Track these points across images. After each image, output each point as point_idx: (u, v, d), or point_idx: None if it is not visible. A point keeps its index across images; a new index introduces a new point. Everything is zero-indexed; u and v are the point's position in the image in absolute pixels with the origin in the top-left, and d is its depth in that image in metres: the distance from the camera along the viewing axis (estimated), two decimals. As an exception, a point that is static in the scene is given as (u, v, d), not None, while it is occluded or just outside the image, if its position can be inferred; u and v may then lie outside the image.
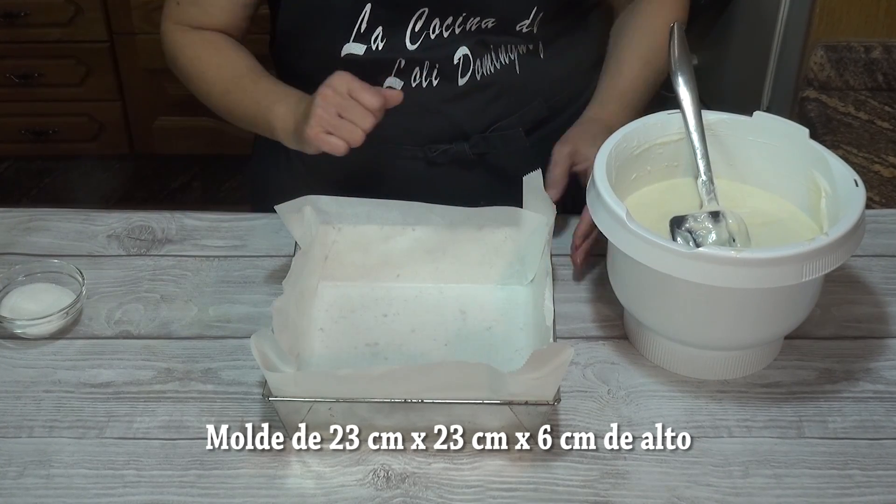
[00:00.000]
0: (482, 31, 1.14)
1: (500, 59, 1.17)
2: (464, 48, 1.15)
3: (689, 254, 0.92)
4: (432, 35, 1.14)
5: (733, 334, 0.99)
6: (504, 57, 1.17)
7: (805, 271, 0.93)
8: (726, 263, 0.92)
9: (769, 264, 0.92)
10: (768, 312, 0.98)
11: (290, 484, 0.94)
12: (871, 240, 1.17)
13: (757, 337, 1.01)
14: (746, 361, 1.02)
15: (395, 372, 0.93)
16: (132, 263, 1.16)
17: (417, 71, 1.15)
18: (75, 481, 0.94)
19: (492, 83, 1.18)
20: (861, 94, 1.69)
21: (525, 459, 0.96)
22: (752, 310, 0.97)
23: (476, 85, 1.17)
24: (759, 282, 0.93)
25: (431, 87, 1.16)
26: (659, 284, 0.97)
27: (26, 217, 1.21)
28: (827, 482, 0.95)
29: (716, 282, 0.93)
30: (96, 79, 2.45)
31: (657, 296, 0.99)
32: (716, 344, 1.01)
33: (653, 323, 1.02)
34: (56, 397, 1.01)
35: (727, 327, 0.99)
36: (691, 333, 1.00)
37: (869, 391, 1.02)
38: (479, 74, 1.17)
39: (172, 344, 1.07)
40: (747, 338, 1.00)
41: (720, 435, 0.98)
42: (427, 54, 1.14)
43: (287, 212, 1.06)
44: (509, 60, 1.17)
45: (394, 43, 1.14)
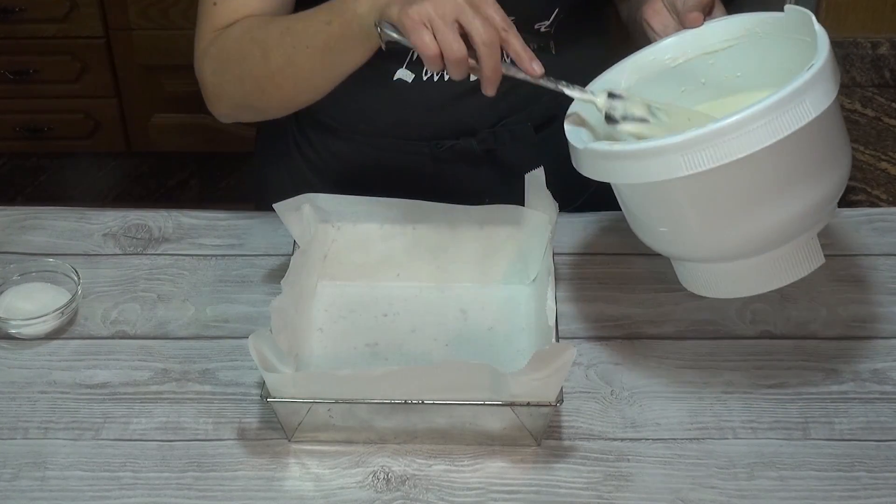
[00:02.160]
0: None
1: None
2: None
3: (584, 151, 0.92)
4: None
5: (709, 238, 0.93)
6: None
7: (684, 163, 0.87)
8: (609, 157, 0.90)
9: (642, 156, 0.88)
10: (728, 206, 0.91)
11: (288, 486, 0.94)
12: (877, 238, 1.17)
13: (740, 237, 0.92)
14: (771, 269, 0.95)
15: (395, 373, 0.92)
16: (128, 262, 1.15)
17: None
18: (71, 483, 0.94)
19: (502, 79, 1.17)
20: (868, 90, 1.68)
21: (527, 461, 0.96)
22: (704, 206, 0.91)
23: None
24: (638, 176, 0.89)
25: (442, 80, 1.15)
26: (625, 200, 0.96)
27: (21, 215, 1.21)
28: (833, 484, 0.94)
29: (611, 178, 0.91)
30: (92, 75, 2.45)
31: (631, 212, 0.97)
32: (709, 252, 0.95)
33: (653, 244, 0.98)
34: (51, 398, 1.01)
35: (700, 230, 0.93)
36: (677, 244, 0.96)
37: (876, 392, 1.02)
38: None
39: (169, 344, 1.06)
40: (728, 239, 0.93)
41: (725, 436, 0.98)
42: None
43: (285, 210, 1.05)
44: None
45: None
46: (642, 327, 1.08)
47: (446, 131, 1.19)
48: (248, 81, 1.08)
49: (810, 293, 1.11)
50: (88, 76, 2.45)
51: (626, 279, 1.12)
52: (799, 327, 1.08)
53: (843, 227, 1.19)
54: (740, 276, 0.95)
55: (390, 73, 1.14)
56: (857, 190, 1.50)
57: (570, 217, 1.18)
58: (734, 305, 1.10)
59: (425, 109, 1.16)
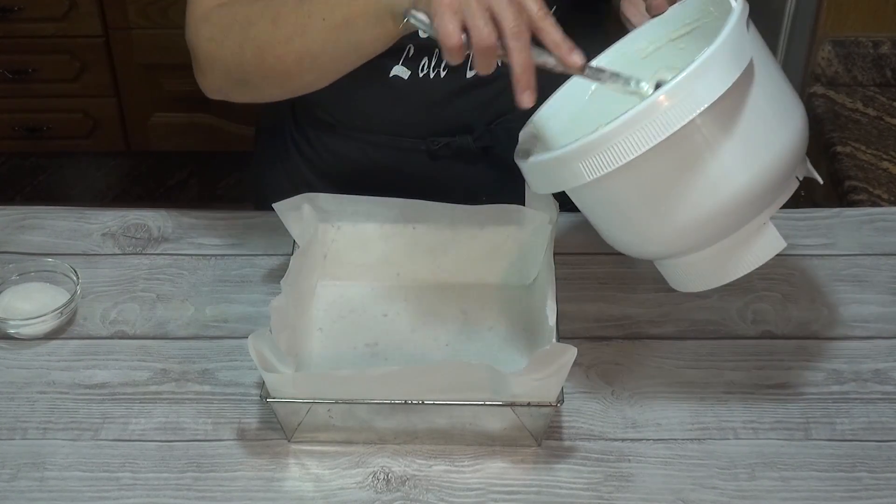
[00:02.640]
0: None
1: None
2: None
3: (529, 165, 0.91)
4: None
5: (645, 236, 0.91)
6: None
7: (585, 170, 0.85)
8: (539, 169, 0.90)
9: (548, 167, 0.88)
10: (655, 196, 0.88)
11: (288, 486, 0.94)
12: (879, 238, 1.17)
13: (687, 224, 0.89)
14: (728, 259, 0.92)
15: (395, 373, 0.92)
16: (128, 262, 1.15)
17: (426, 61, 1.13)
18: (70, 484, 0.94)
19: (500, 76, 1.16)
20: (869, 89, 1.68)
21: (527, 462, 0.95)
22: (635, 200, 0.89)
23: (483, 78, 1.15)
24: (553, 185, 0.89)
25: (439, 78, 1.14)
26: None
27: (20, 215, 1.20)
28: (835, 485, 0.94)
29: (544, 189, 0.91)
30: (91, 74, 2.44)
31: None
32: (658, 249, 0.93)
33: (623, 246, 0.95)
34: (50, 398, 1.01)
35: (634, 229, 0.91)
36: (625, 245, 0.94)
37: (877, 392, 1.01)
38: None
39: (169, 344, 1.06)
40: (659, 236, 0.90)
41: (726, 437, 0.97)
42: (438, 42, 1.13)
43: (285, 210, 1.05)
44: None
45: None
46: (643, 327, 1.08)
47: (442, 128, 1.19)
48: (248, 49, 1.02)
49: (812, 293, 1.11)
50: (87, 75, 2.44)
51: (626, 279, 1.12)
52: (800, 327, 1.08)
53: (844, 227, 1.18)
54: (697, 269, 0.92)
55: (386, 69, 1.13)
56: (859, 189, 1.50)
57: (570, 217, 1.17)
58: (735, 306, 1.09)
59: (421, 106, 1.16)
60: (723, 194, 0.87)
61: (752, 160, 0.87)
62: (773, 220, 1.18)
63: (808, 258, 1.15)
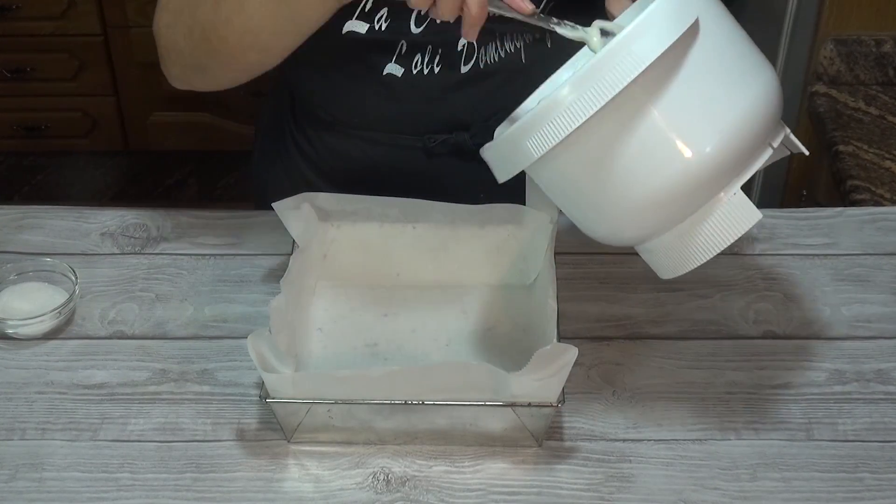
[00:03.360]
0: (489, 18, 1.13)
1: (506, 47, 1.15)
2: None
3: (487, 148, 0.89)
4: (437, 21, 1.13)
5: (607, 217, 0.88)
6: (510, 45, 1.15)
7: (533, 147, 0.83)
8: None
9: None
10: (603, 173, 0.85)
11: (287, 487, 0.93)
12: (881, 238, 1.16)
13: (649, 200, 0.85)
14: (701, 236, 0.88)
15: (395, 373, 0.92)
16: (126, 262, 1.14)
17: (419, 57, 1.13)
18: (68, 485, 0.93)
19: (496, 72, 1.16)
20: (872, 88, 1.68)
21: (528, 462, 0.95)
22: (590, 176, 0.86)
23: (479, 73, 1.15)
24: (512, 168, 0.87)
25: (433, 73, 1.14)
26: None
27: (18, 214, 1.20)
28: (837, 486, 0.93)
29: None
30: (90, 73, 2.44)
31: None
32: (624, 233, 0.90)
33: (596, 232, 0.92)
34: (48, 399, 1.00)
35: (597, 209, 0.88)
36: (590, 229, 0.91)
37: (880, 392, 1.01)
38: (482, 62, 1.15)
39: (168, 344, 1.06)
40: (620, 217, 0.87)
41: (728, 437, 0.97)
42: (431, 38, 1.13)
43: (285, 209, 1.05)
44: (514, 49, 1.16)
45: (398, 24, 1.11)
46: (644, 327, 1.07)
47: (439, 125, 1.19)
48: (196, 32, 1.03)
49: (814, 293, 1.11)
50: (86, 74, 2.44)
51: (627, 279, 1.12)
52: (802, 327, 1.07)
53: (846, 227, 1.18)
54: (673, 251, 0.88)
55: (379, 67, 1.13)
56: (861, 189, 1.49)
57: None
58: (737, 305, 1.09)
59: (417, 103, 1.16)
60: (679, 163, 0.83)
61: (708, 125, 0.83)
62: (774, 219, 1.19)
63: (810, 258, 1.15)
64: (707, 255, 0.87)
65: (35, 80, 2.44)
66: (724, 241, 0.87)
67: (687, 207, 0.86)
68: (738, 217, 0.86)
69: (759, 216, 0.86)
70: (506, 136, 0.86)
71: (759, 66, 0.88)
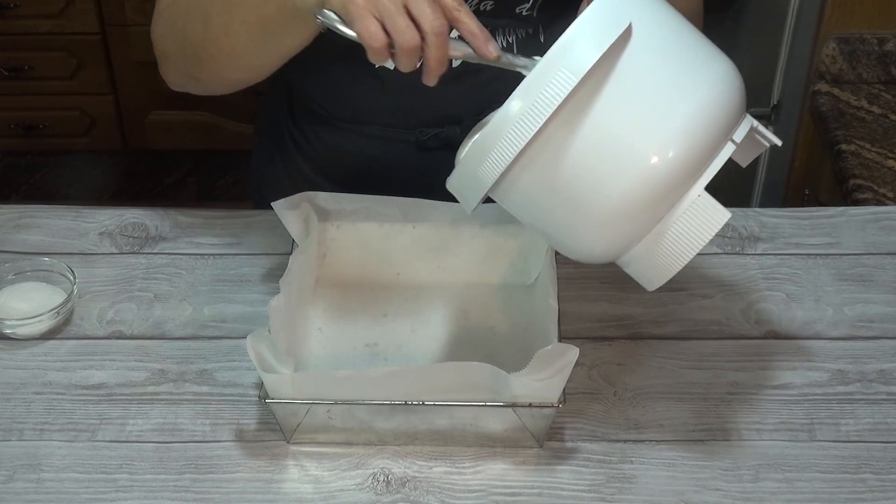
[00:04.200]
0: (480, 13, 1.13)
1: (499, 42, 1.15)
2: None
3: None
4: None
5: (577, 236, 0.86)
6: (502, 40, 1.15)
7: (486, 173, 0.82)
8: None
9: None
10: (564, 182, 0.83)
11: (287, 488, 0.93)
12: (884, 237, 1.16)
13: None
14: (670, 243, 0.85)
15: (395, 373, 0.91)
16: (125, 262, 1.14)
17: None
18: (66, 486, 0.93)
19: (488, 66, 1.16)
20: (874, 87, 1.68)
21: (529, 463, 0.95)
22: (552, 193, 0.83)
23: (471, 67, 1.15)
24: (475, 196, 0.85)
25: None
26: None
27: (16, 214, 1.20)
28: (839, 487, 0.93)
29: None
30: (88, 72, 2.44)
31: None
32: (595, 250, 0.87)
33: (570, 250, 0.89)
34: (47, 399, 1.00)
35: (563, 231, 0.86)
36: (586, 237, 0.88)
37: (882, 393, 1.01)
38: None
39: (166, 344, 1.05)
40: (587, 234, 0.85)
41: (729, 438, 0.97)
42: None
43: (284, 208, 1.04)
44: (507, 43, 1.15)
45: None
46: (646, 327, 1.07)
47: (431, 119, 1.18)
48: (188, 48, 1.05)
49: (816, 293, 1.10)
50: (84, 73, 2.44)
51: (629, 278, 1.10)
52: (804, 327, 1.07)
53: (849, 226, 1.18)
54: (648, 262, 0.86)
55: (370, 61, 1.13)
56: (864, 188, 1.49)
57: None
58: (739, 306, 1.09)
59: (409, 97, 1.15)
60: (633, 171, 0.81)
61: (658, 128, 0.81)
62: (776, 219, 1.19)
63: (812, 257, 1.14)
64: (681, 261, 0.85)
65: (33, 79, 2.44)
66: (696, 245, 0.84)
67: (651, 215, 0.83)
68: (705, 220, 0.83)
69: (727, 216, 0.84)
70: (462, 162, 0.85)
71: (709, 63, 0.85)
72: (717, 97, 0.83)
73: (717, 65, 0.85)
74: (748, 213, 1.20)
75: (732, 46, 2.03)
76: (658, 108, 0.81)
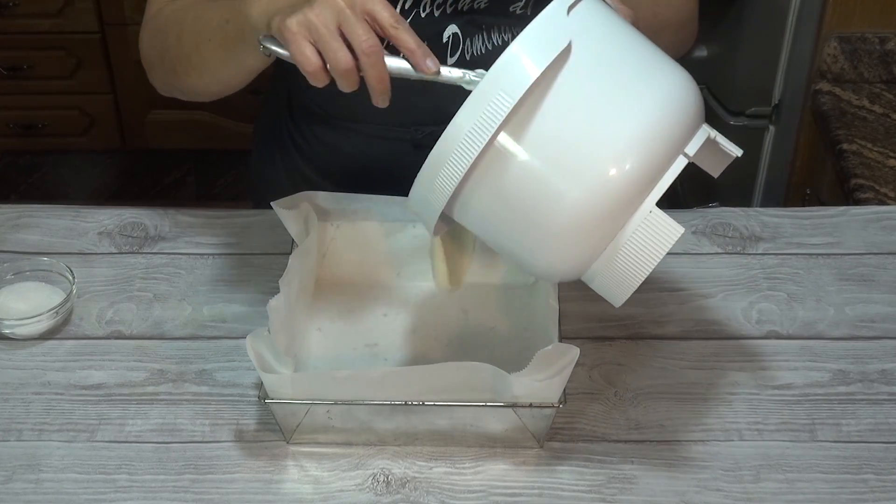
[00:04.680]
0: (474, 10, 1.13)
1: (493, 40, 1.15)
2: (453, 26, 1.13)
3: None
4: (423, 13, 1.12)
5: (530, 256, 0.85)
6: (496, 38, 1.15)
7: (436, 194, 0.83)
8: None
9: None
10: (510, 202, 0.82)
11: (286, 489, 0.93)
12: (886, 237, 1.16)
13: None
14: (626, 260, 0.84)
15: (395, 373, 0.91)
16: (124, 261, 1.14)
17: None
18: (65, 486, 0.93)
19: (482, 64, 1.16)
20: (876, 86, 1.67)
21: (529, 464, 0.94)
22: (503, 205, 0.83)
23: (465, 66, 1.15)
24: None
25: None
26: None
27: (15, 213, 1.19)
28: (840, 487, 0.93)
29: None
30: (87, 71, 2.44)
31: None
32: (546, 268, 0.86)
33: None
34: (45, 399, 1.00)
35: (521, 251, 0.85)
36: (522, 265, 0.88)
37: (884, 393, 1.01)
38: (468, 55, 1.15)
39: (165, 344, 1.05)
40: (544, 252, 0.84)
41: (730, 438, 0.97)
42: (415, 30, 1.13)
43: (284, 208, 1.04)
44: (502, 42, 1.15)
45: None
46: (646, 327, 1.07)
47: (425, 117, 1.18)
48: (167, 60, 1.08)
49: (817, 293, 1.10)
50: (83, 72, 2.43)
51: (629, 278, 1.11)
52: (805, 327, 1.07)
53: (850, 226, 1.18)
54: (609, 279, 0.85)
55: None
56: (865, 188, 1.49)
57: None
58: (740, 305, 1.09)
59: (403, 94, 1.15)
60: (580, 189, 0.80)
61: (603, 145, 0.79)
62: (777, 219, 1.19)
63: (813, 257, 1.14)
64: (639, 276, 0.83)
65: (32, 78, 2.44)
66: (651, 261, 0.82)
67: (604, 230, 0.82)
68: (658, 235, 0.82)
69: (680, 231, 0.82)
70: (416, 183, 0.85)
71: (659, 74, 0.83)
72: (666, 108, 0.81)
73: (667, 76, 0.83)
74: (749, 212, 1.20)
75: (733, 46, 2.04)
76: (604, 120, 0.80)
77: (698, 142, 0.83)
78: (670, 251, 0.82)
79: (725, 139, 0.86)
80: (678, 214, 1.18)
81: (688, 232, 1.16)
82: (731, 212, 1.20)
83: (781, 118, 1.78)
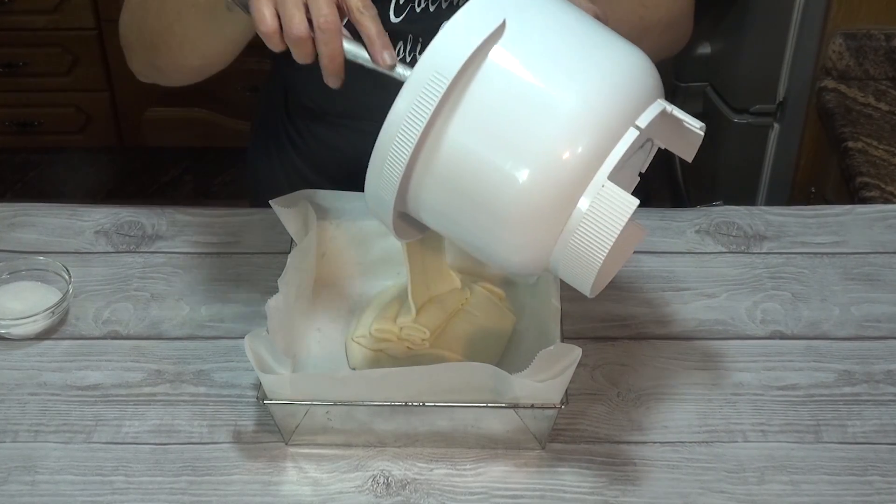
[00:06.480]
0: None
1: None
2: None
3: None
4: (417, 8, 1.12)
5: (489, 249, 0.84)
6: None
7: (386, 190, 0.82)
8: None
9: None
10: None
11: (285, 490, 0.92)
12: (891, 236, 1.16)
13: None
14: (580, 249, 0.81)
15: (395, 374, 0.90)
16: (121, 260, 1.13)
17: (401, 45, 1.13)
18: (62, 488, 0.92)
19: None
20: (882, 83, 1.67)
21: (531, 465, 0.94)
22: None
23: None
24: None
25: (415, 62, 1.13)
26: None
27: (10, 212, 1.19)
28: (846, 489, 0.92)
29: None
30: (83, 68, 2.43)
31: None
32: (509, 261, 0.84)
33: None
34: (41, 400, 0.99)
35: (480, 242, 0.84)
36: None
37: (890, 394, 1.00)
38: None
39: (163, 344, 1.04)
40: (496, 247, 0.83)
41: (735, 439, 0.96)
42: (411, 27, 1.12)
43: (282, 206, 1.03)
44: None
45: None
46: (649, 327, 1.06)
47: None
48: (146, 36, 1.07)
49: (822, 292, 1.10)
50: (80, 69, 2.43)
51: (632, 278, 1.11)
52: (810, 327, 1.06)
53: (856, 225, 1.17)
54: (575, 264, 0.82)
55: None
56: (871, 186, 1.49)
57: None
58: (744, 305, 1.08)
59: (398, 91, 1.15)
60: (525, 166, 0.78)
61: (548, 116, 0.78)
62: (782, 217, 1.18)
63: (818, 256, 1.14)
64: (599, 255, 0.80)
65: (28, 75, 2.43)
66: (608, 237, 0.79)
67: (558, 208, 0.79)
68: (612, 210, 0.79)
69: (634, 203, 0.79)
70: (366, 181, 0.84)
71: (606, 48, 0.82)
72: (612, 81, 0.80)
73: (614, 51, 0.82)
74: (753, 211, 1.19)
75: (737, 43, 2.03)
76: (545, 97, 0.79)
77: (651, 114, 0.81)
78: (671, 251, 0.82)
79: (685, 113, 0.83)
80: (682, 213, 1.19)
81: (691, 231, 1.16)
82: (734, 210, 1.19)
83: (786, 116, 1.78)
